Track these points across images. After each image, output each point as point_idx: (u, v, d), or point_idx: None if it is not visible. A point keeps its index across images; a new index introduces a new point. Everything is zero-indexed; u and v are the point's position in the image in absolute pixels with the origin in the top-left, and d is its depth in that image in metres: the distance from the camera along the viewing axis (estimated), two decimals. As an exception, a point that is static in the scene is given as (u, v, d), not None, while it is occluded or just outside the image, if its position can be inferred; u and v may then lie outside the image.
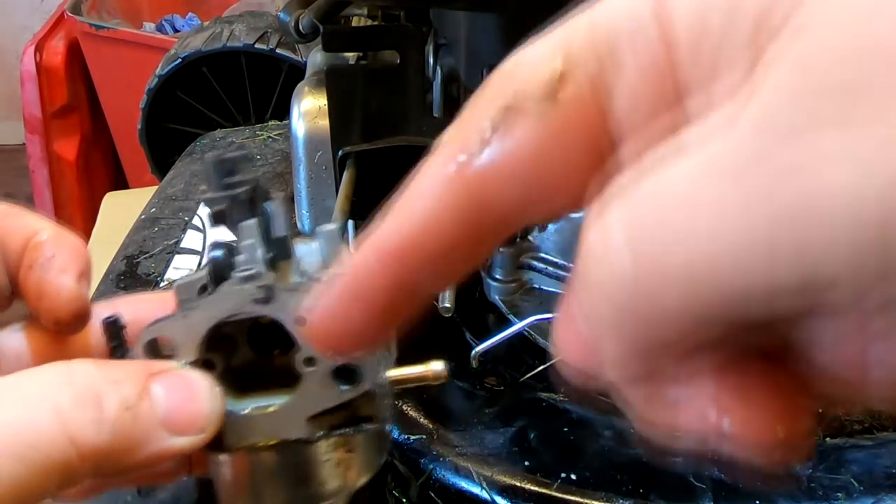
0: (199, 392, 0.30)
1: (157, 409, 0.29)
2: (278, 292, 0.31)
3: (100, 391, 0.28)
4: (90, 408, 0.28)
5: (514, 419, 0.61)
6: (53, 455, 0.27)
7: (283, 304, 0.31)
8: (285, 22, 0.68)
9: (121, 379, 0.29)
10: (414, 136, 0.63)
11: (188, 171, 0.97)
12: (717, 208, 0.17)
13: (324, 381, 0.32)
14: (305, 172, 0.68)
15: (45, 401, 0.27)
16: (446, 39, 0.70)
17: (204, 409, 0.30)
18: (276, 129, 1.07)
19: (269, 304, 0.31)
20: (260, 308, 0.31)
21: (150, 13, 2.52)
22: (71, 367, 0.29)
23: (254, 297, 0.31)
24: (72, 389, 0.28)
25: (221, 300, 0.31)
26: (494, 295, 0.69)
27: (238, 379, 0.33)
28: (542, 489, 0.55)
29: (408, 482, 0.59)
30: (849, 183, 0.15)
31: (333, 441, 0.33)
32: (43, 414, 0.27)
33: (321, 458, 0.33)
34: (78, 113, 2.30)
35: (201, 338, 0.31)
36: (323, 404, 0.32)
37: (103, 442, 0.28)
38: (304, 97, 0.67)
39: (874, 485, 0.53)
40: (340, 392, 0.32)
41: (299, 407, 0.32)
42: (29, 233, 0.35)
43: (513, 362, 0.67)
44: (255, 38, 1.62)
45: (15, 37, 2.83)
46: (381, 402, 0.33)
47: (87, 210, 2.29)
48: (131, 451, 0.29)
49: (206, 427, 0.30)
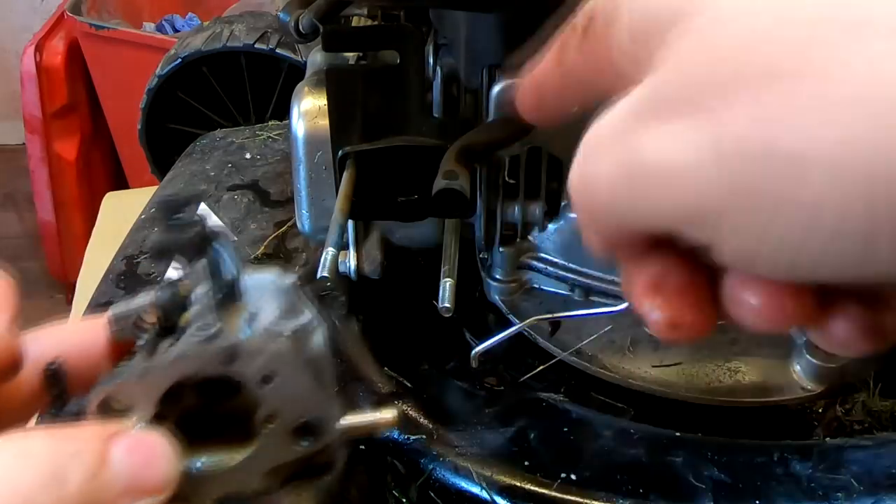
0: (158, 452, 0.30)
1: (118, 475, 0.29)
2: (241, 353, 0.30)
3: (60, 466, 0.27)
4: (54, 487, 0.27)
5: (513, 419, 0.61)
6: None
7: (245, 365, 0.31)
8: (285, 22, 0.68)
9: (80, 450, 0.28)
10: (414, 137, 0.63)
11: (188, 172, 0.97)
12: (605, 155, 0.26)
13: (284, 437, 0.32)
14: (305, 172, 0.68)
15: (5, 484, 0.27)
16: (446, 39, 0.70)
17: (163, 470, 0.30)
18: (275, 128, 1.07)
19: (232, 365, 0.31)
20: (223, 368, 0.30)
21: (150, 13, 2.51)
22: (28, 444, 0.28)
23: (217, 359, 0.30)
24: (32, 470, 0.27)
25: (184, 361, 0.30)
26: (494, 295, 0.69)
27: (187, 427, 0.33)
28: (542, 489, 0.55)
29: (407, 482, 0.59)
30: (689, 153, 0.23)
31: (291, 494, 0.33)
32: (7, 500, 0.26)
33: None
34: (78, 113, 2.30)
35: (158, 397, 0.31)
36: (281, 459, 0.32)
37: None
38: (303, 97, 0.67)
39: (874, 485, 0.53)
40: (300, 448, 0.32)
41: (256, 462, 0.32)
42: None
43: (513, 362, 0.67)
44: (255, 38, 1.62)
45: (15, 37, 2.83)
46: (338, 454, 0.34)
47: (87, 210, 2.29)
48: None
49: (166, 487, 0.30)
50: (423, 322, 0.70)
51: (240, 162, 0.98)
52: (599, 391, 0.64)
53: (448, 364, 0.67)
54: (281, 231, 0.83)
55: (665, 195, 0.24)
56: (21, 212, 2.68)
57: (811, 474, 0.54)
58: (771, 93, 0.22)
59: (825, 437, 0.60)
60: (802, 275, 0.24)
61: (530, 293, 0.69)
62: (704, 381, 0.63)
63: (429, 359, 0.67)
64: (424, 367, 0.66)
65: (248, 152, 1.00)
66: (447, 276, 0.58)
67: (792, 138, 0.21)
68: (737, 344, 0.64)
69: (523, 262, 0.68)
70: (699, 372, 0.63)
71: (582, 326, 0.66)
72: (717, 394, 0.62)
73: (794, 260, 0.23)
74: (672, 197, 0.24)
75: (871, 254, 0.21)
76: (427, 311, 0.70)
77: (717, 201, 0.23)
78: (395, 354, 0.67)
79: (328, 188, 0.67)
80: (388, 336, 0.70)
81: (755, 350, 0.64)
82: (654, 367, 0.63)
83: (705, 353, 0.64)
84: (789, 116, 0.22)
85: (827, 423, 0.62)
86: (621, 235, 0.27)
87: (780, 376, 0.62)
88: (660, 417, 0.61)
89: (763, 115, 0.22)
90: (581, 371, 0.64)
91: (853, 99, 0.21)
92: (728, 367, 0.63)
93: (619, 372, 0.63)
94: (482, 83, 0.61)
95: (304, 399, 0.32)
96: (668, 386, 0.62)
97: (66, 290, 2.28)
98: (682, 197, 0.24)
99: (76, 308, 1.47)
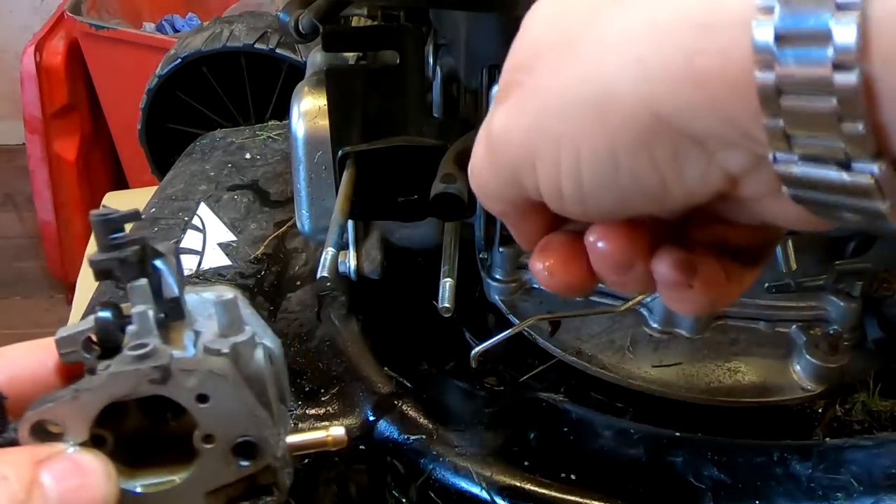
0: (92, 476, 0.29)
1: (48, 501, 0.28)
2: (175, 372, 0.30)
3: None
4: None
5: (513, 419, 0.61)
6: None
7: (179, 384, 0.30)
8: (285, 22, 0.68)
9: (7, 475, 0.28)
10: (413, 137, 0.63)
11: (188, 172, 0.97)
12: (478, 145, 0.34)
13: (223, 457, 0.31)
14: (305, 173, 0.68)
15: None
16: (446, 39, 0.70)
17: (98, 494, 0.29)
18: (275, 128, 1.07)
19: (165, 385, 0.30)
20: (156, 388, 0.30)
21: (150, 13, 2.51)
22: None
23: (149, 378, 0.30)
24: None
25: (115, 381, 0.30)
26: (494, 295, 0.69)
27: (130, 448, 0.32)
28: (541, 489, 0.55)
29: (407, 482, 0.59)
30: None
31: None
32: None
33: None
34: (78, 113, 2.30)
35: (93, 418, 0.30)
36: (222, 479, 0.32)
37: None
38: (303, 97, 0.67)
39: (874, 485, 0.53)
40: (240, 468, 0.32)
41: (197, 483, 0.32)
42: None
43: (512, 362, 0.67)
44: (255, 38, 1.62)
45: (15, 37, 2.83)
46: (282, 472, 0.33)
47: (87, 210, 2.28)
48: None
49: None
50: (422, 322, 0.70)
51: (240, 162, 0.98)
52: (599, 391, 0.64)
53: (448, 364, 0.67)
54: (281, 231, 0.83)
55: (504, 158, 0.32)
56: (21, 212, 2.68)
57: (811, 474, 0.54)
58: (556, 58, 0.29)
59: (825, 437, 0.60)
60: (600, 208, 0.31)
61: (530, 293, 0.69)
62: (704, 381, 0.63)
63: (428, 359, 0.67)
64: (424, 367, 0.66)
65: (248, 152, 1.00)
66: (447, 276, 0.58)
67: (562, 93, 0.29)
68: (736, 344, 0.64)
69: (523, 262, 0.68)
70: (699, 372, 0.63)
71: (581, 326, 0.66)
72: (716, 394, 0.62)
73: (583, 192, 0.30)
74: (508, 156, 0.32)
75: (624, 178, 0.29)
76: (427, 312, 0.70)
77: (528, 153, 0.31)
78: (395, 354, 0.67)
79: (328, 188, 0.67)
80: (388, 336, 0.70)
81: (755, 350, 0.64)
82: (654, 367, 0.63)
83: (705, 353, 0.64)
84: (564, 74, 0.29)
85: (827, 423, 0.62)
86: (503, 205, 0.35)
87: (780, 376, 0.62)
88: (659, 417, 0.61)
89: (547, 77, 0.30)
90: (581, 371, 0.64)
91: (600, 55, 0.28)
92: (728, 368, 0.63)
93: (618, 372, 0.63)
94: (482, 83, 0.61)
95: (241, 418, 0.31)
96: (668, 386, 0.62)
97: (66, 290, 2.27)
98: (512, 154, 0.31)
99: (76, 308, 1.47)
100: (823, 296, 0.64)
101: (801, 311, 0.64)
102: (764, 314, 0.65)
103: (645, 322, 0.66)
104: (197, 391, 0.30)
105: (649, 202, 0.30)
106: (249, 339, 0.32)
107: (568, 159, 0.29)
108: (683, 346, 0.64)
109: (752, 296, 0.64)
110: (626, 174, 0.29)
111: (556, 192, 0.31)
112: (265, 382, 0.33)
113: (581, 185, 0.30)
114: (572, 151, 0.29)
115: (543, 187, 0.31)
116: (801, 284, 0.62)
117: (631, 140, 0.28)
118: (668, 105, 0.26)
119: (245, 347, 0.32)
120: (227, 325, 0.32)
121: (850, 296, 0.63)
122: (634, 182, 0.29)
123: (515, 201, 0.34)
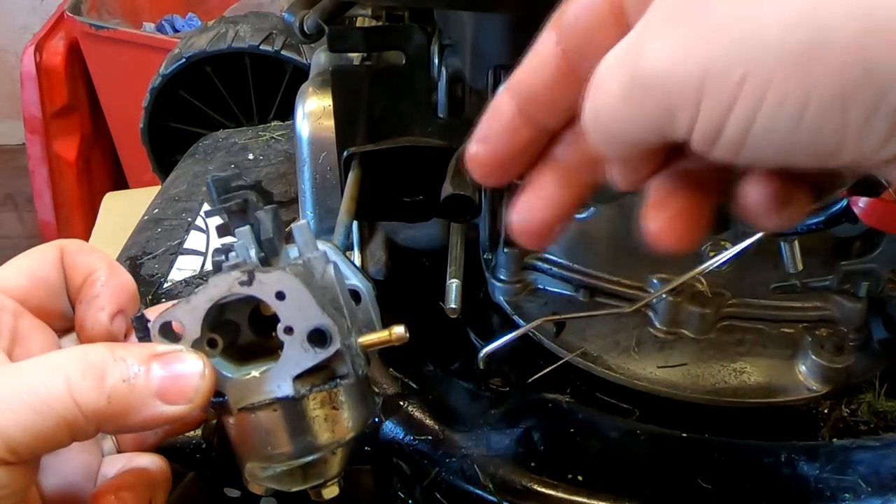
0: (191, 370, 0.37)
1: (151, 382, 0.36)
2: (258, 275, 0.37)
3: (105, 366, 0.36)
4: (94, 378, 0.35)
5: (519, 420, 0.61)
6: (61, 412, 0.34)
7: (261, 284, 0.37)
8: (290, 22, 0.68)
9: (125, 357, 0.36)
10: (419, 137, 0.63)
11: (191, 172, 0.97)
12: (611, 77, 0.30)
13: (301, 345, 0.38)
14: (310, 173, 0.68)
15: (59, 370, 0.35)
16: (451, 40, 0.70)
17: (192, 384, 0.37)
18: (278, 129, 1.07)
19: (251, 286, 0.37)
20: (245, 289, 0.37)
21: (150, 13, 2.51)
22: (87, 347, 0.37)
23: (238, 280, 0.37)
24: (82, 363, 0.35)
25: (213, 286, 0.38)
26: (499, 296, 0.69)
27: (244, 355, 0.40)
28: (547, 490, 0.55)
29: (413, 483, 0.59)
30: None
31: (319, 399, 0.39)
32: (56, 381, 0.35)
33: (311, 415, 0.39)
34: (78, 113, 2.30)
35: (202, 318, 0.38)
36: (302, 364, 0.38)
37: (102, 406, 0.35)
38: (308, 98, 0.67)
39: (881, 486, 0.53)
40: (315, 353, 0.38)
41: (284, 369, 0.38)
42: (89, 270, 0.43)
43: (518, 363, 0.67)
44: (260, 39, 1.62)
45: (15, 37, 2.83)
46: (355, 362, 0.39)
47: (87, 210, 2.29)
48: (127, 414, 0.36)
49: (194, 398, 0.37)
50: (427, 323, 0.70)
51: (242, 163, 0.98)
52: (605, 392, 0.64)
53: (453, 365, 0.67)
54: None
55: (658, 94, 0.29)
56: (21, 212, 2.68)
57: (818, 475, 0.54)
58: None
59: (831, 438, 0.60)
60: (754, 155, 0.28)
61: (535, 294, 0.69)
62: (710, 381, 0.63)
63: (434, 360, 0.67)
64: (429, 368, 0.66)
65: (251, 153, 1.00)
66: (453, 277, 0.58)
67: (764, 32, 0.26)
68: (742, 345, 0.64)
69: (528, 263, 0.68)
70: (705, 373, 0.63)
71: (587, 327, 0.66)
72: (722, 395, 0.62)
73: (747, 139, 0.27)
74: (664, 93, 0.28)
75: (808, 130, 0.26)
76: (432, 312, 0.70)
77: (696, 91, 0.27)
78: (401, 355, 0.67)
79: (333, 189, 0.67)
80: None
81: (760, 351, 0.64)
82: (660, 367, 0.63)
83: (711, 353, 0.64)
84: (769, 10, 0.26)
85: (833, 423, 0.62)
86: (630, 156, 0.33)
87: (786, 377, 0.62)
88: (665, 418, 0.61)
89: (743, 9, 0.26)
90: (586, 372, 0.64)
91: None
92: (733, 368, 0.63)
93: (624, 373, 0.63)
94: (487, 83, 0.61)
95: (313, 311, 0.38)
96: (674, 387, 0.62)
97: (66, 290, 2.27)
98: (673, 92, 0.28)
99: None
100: (829, 296, 0.63)
101: (806, 311, 0.64)
102: (769, 315, 0.64)
103: (650, 323, 0.66)
104: (275, 289, 0.37)
105: (811, 159, 0.27)
106: (321, 255, 0.40)
107: (747, 102, 0.27)
108: (689, 347, 0.64)
109: (757, 296, 0.64)
110: (808, 128, 0.26)
111: (712, 135, 0.28)
112: (336, 291, 0.40)
113: (748, 131, 0.27)
114: (756, 95, 0.26)
115: (701, 129, 0.28)
116: (807, 285, 0.62)
117: (831, 94, 0.25)
118: (887, 62, 0.24)
119: (317, 262, 0.40)
120: (302, 245, 0.40)
121: (856, 296, 0.63)
122: (812, 137, 0.26)
123: (647, 142, 0.31)
